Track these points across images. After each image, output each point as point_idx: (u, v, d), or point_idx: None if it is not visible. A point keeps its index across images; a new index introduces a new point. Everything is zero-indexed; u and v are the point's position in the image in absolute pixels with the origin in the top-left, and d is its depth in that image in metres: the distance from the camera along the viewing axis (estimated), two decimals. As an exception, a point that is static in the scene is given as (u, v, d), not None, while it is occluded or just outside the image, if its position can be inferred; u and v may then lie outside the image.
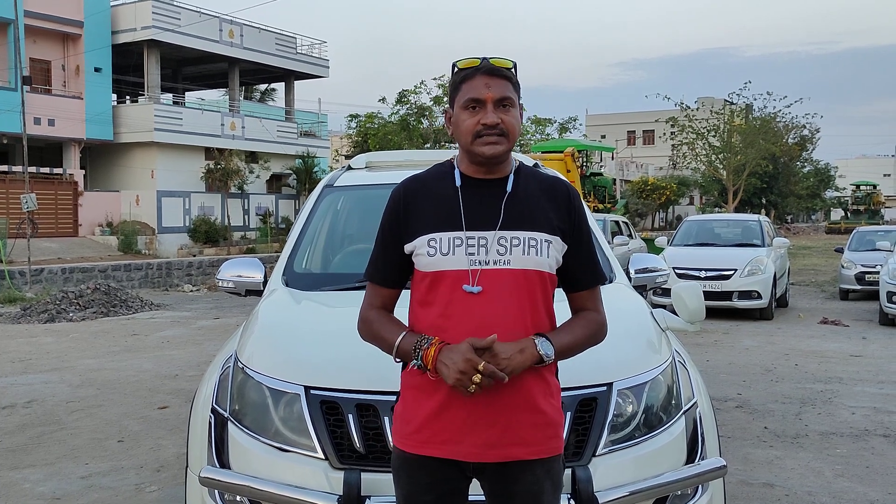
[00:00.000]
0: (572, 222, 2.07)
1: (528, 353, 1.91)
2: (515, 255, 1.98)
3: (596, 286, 2.13)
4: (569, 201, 2.08)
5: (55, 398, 7.19)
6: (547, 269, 2.01)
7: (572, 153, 21.65)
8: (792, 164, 46.98)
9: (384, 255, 2.09)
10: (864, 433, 5.81)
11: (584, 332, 2.06)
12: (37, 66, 27.38)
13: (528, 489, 1.98)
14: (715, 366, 8.37)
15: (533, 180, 2.08)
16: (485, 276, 1.95)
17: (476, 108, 1.99)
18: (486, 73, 1.99)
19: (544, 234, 2.01)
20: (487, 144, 1.98)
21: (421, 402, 1.99)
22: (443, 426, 1.95)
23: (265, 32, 33.09)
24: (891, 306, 11.45)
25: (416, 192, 2.07)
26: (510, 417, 1.94)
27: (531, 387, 1.96)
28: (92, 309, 13.95)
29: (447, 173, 2.08)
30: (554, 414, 2.02)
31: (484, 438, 1.94)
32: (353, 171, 4.50)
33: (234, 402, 2.79)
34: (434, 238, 1.98)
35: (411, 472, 2.01)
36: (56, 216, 26.92)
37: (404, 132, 31.24)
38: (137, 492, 4.63)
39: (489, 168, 2.04)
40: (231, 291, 4.01)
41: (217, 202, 30.87)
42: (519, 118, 2.04)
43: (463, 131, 2.01)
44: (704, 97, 41.13)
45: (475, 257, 1.97)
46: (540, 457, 1.98)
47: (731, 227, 14.73)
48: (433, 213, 2.01)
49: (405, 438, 2.01)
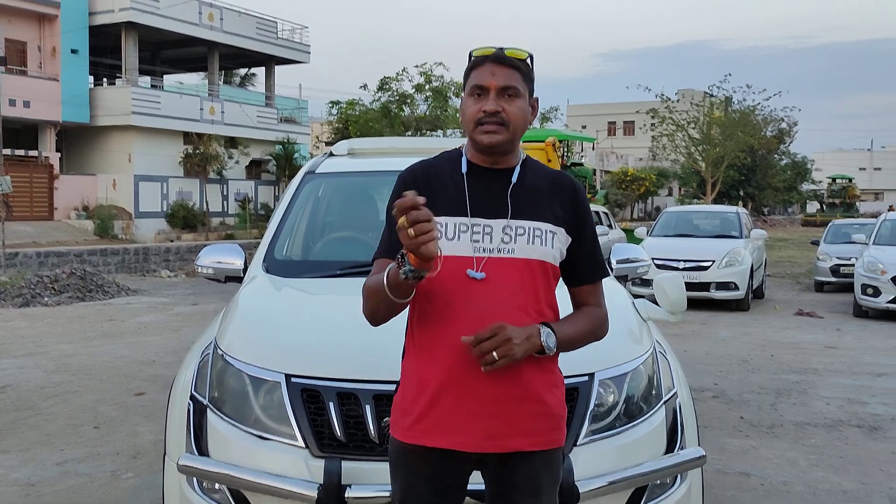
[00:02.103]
0: (577, 216, 2.07)
1: (532, 340, 1.89)
2: (520, 245, 1.97)
3: (598, 280, 2.13)
4: (574, 195, 2.08)
5: (30, 384, 7.11)
6: (551, 259, 2.00)
7: (553, 143, 21.66)
8: (770, 156, 47.34)
9: (392, 236, 1.97)
10: (838, 423, 5.89)
11: (587, 326, 2.06)
12: (12, 46, 26.94)
13: (526, 481, 1.97)
14: (692, 356, 8.43)
15: (539, 173, 2.08)
16: (489, 263, 1.94)
17: (480, 96, 1.99)
18: (494, 62, 1.99)
19: (549, 225, 2.00)
20: (486, 133, 1.97)
21: (421, 392, 1.96)
22: (443, 417, 1.93)
23: (245, 16, 32.75)
24: (865, 298, 11.60)
25: (424, 176, 2.06)
26: (512, 408, 1.93)
27: (534, 377, 1.95)
28: (67, 294, 13.80)
29: (455, 160, 2.08)
30: (556, 406, 2.01)
31: (485, 429, 1.92)
32: (335, 157, 4.47)
33: (214, 390, 2.77)
34: (440, 222, 1.94)
35: (410, 463, 1.98)
36: (31, 199, 26.55)
37: (385, 119, 31.09)
38: (114, 478, 4.60)
39: (493, 158, 2.03)
40: (210, 278, 3.97)
41: (195, 187, 30.59)
42: (524, 109, 2.01)
43: (466, 118, 2.01)
44: (685, 89, 41.32)
45: (480, 244, 1.96)
46: (541, 448, 1.97)
47: (709, 219, 14.85)
48: (440, 197, 2.00)
49: (405, 430, 1.97)
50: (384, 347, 2.31)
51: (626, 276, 4.01)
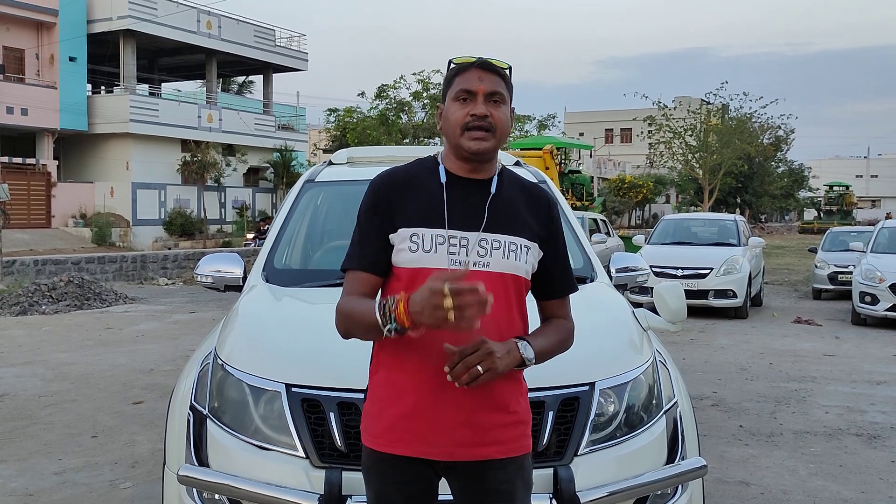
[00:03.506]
0: (550, 231, 2.07)
1: (512, 355, 1.91)
2: (495, 259, 1.97)
3: (568, 295, 2.14)
4: (549, 210, 2.08)
5: (27, 392, 7.09)
6: (524, 274, 2.01)
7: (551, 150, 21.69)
8: (767, 164, 47.40)
9: (364, 243, 2.01)
10: (837, 432, 5.88)
11: (557, 338, 2.07)
12: (10, 54, 26.98)
13: (499, 487, 1.98)
14: (691, 364, 8.43)
15: (516, 185, 2.07)
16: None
17: (467, 100, 1.98)
18: (480, 68, 1.99)
19: (524, 240, 2.00)
20: (474, 139, 1.96)
21: (391, 401, 1.97)
22: (413, 425, 1.94)
23: (243, 24, 32.82)
24: (863, 306, 11.60)
25: (397, 184, 2.03)
26: (481, 417, 1.94)
27: (502, 387, 1.96)
28: (65, 302, 13.77)
29: (431, 169, 2.06)
30: (523, 413, 2.02)
31: (455, 438, 1.94)
32: (334, 166, 4.47)
33: (214, 400, 2.76)
34: (416, 234, 1.96)
35: (382, 470, 2.00)
36: (28, 207, 26.54)
37: (383, 127, 31.08)
38: (112, 488, 4.58)
39: (474, 166, 2.02)
40: (209, 286, 3.96)
41: (193, 195, 30.59)
42: (508, 116, 2.02)
43: (452, 123, 1.99)
44: (682, 96, 41.36)
45: (456, 257, 1.95)
46: (511, 455, 1.98)
47: (707, 227, 14.86)
48: (416, 207, 1.98)
49: (375, 437, 1.99)
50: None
51: (626, 285, 4.01)
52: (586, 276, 3.68)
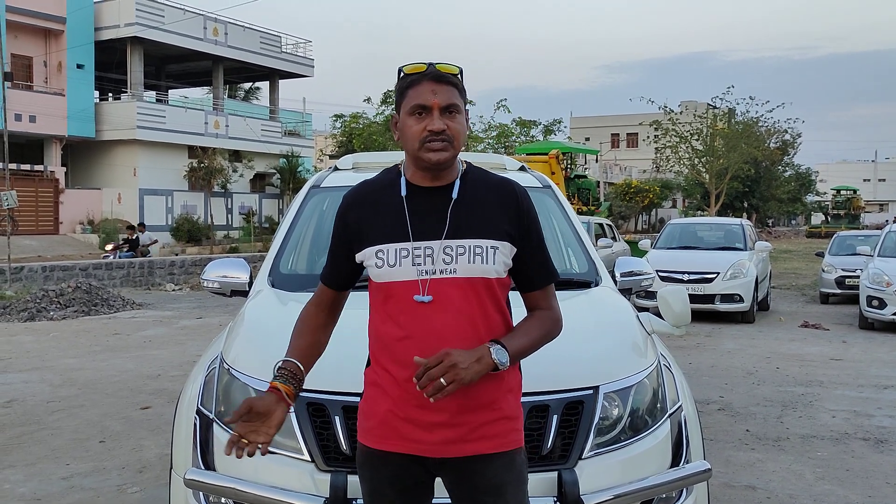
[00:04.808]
0: (521, 225, 2.06)
1: (484, 361, 1.91)
2: (461, 264, 1.99)
3: (548, 285, 2.14)
4: (517, 203, 2.07)
5: (35, 398, 7.12)
6: (494, 275, 2.02)
7: (557, 155, 21.72)
8: (773, 168, 47.31)
9: (333, 261, 2.17)
10: (844, 436, 5.87)
11: (538, 331, 2.07)
12: (18, 61, 27.14)
13: (489, 481, 2.00)
14: (697, 368, 8.42)
15: (481, 184, 2.08)
16: (433, 285, 1.97)
17: (422, 115, 1.99)
18: (432, 80, 1.99)
19: (490, 241, 2.01)
20: (433, 151, 1.98)
21: (381, 399, 2.02)
22: (400, 423, 1.99)
23: (250, 31, 32.96)
24: (870, 310, 11.57)
25: (362, 203, 2.09)
26: (466, 417, 1.97)
27: (485, 386, 1.98)
28: (73, 307, 13.82)
29: (393, 182, 2.09)
30: (510, 409, 2.04)
31: (444, 436, 1.97)
32: (339, 171, 4.49)
33: (220, 404, 2.78)
34: (381, 250, 2.01)
35: (374, 466, 2.05)
36: (37, 213, 26.68)
37: (389, 132, 31.15)
38: (119, 493, 4.60)
39: (434, 174, 2.04)
40: (216, 292, 3.99)
41: (200, 201, 30.70)
42: (465, 124, 2.04)
43: (409, 137, 2.01)
44: (688, 101, 41.41)
45: (422, 267, 1.99)
46: (499, 450, 2.01)
47: (713, 231, 14.83)
48: (380, 224, 2.03)
49: (367, 433, 2.05)
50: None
51: (631, 290, 4.02)
52: (591, 281, 3.69)
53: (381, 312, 2.04)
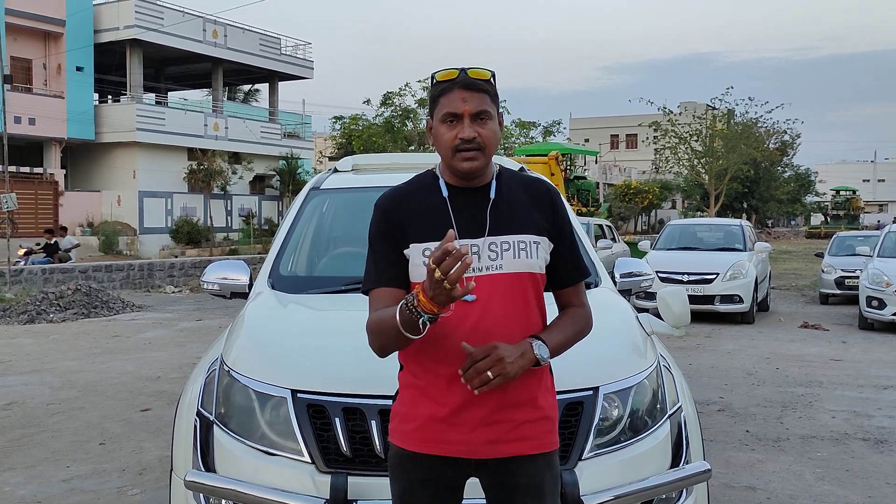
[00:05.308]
0: (555, 222, 2.10)
1: (527, 356, 1.93)
2: (507, 259, 2.00)
3: (580, 282, 2.16)
4: (551, 201, 2.12)
5: (35, 400, 7.12)
6: (538, 270, 2.04)
7: (556, 157, 21.74)
8: (773, 168, 47.34)
9: (380, 263, 2.06)
10: (844, 437, 5.87)
11: (573, 328, 2.09)
12: (18, 64, 27.14)
13: (529, 481, 2.00)
14: (697, 369, 8.42)
15: (515, 184, 2.12)
16: (479, 282, 1.96)
17: (454, 122, 2.00)
18: (462, 87, 2.00)
19: (532, 236, 2.04)
20: (465, 160, 2.00)
21: (420, 401, 2.01)
22: (442, 425, 1.98)
23: (249, 33, 32.97)
24: (870, 311, 11.57)
25: (401, 203, 2.08)
26: (510, 414, 1.97)
27: (529, 383, 1.99)
28: (72, 310, 13.82)
29: (431, 184, 2.10)
30: (549, 409, 2.05)
31: (485, 436, 1.97)
32: (339, 173, 4.49)
33: (220, 406, 2.79)
34: (428, 248, 2.00)
35: (408, 468, 2.03)
36: (36, 216, 26.66)
37: (388, 134, 31.17)
38: (119, 495, 4.60)
39: (469, 179, 2.06)
40: (216, 294, 3.99)
41: (199, 203, 30.70)
42: (497, 130, 2.05)
43: (442, 145, 2.03)
44: (687, 102, 41.44)
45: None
46: (539, 451, 2.01)
47: (713, 232, 14.84)
48: (424, 223, 2.03)
49: (405, 436, 2.02)
50: (389, 363, 2.32)
51: (630, 290, 4.02)
52: (590, 282, 3.69)
53: None
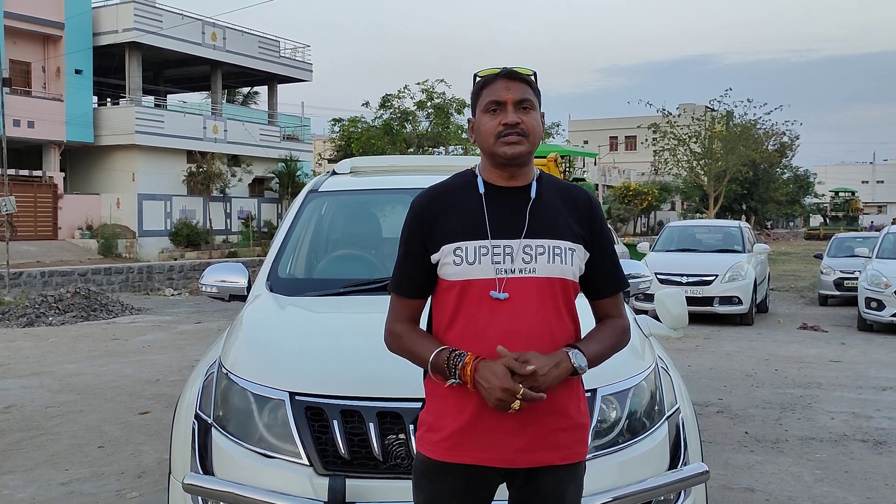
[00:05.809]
0: (594, 231, 2.08)
1: (563, 366, 1.92)
2: (541, 264, 1.98)
3: (619, 293, 2.15)
4: (591, 210, 2.09)
5: (34, 403, 7.12)
6: (571, 276, 2.02)
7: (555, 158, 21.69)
8: (772, 170, 47.39)
9: (408, 266, 2.08)
10: (843, 438, 5.87)
11: (611, 340, 2.07)
12: (16, 67, 27.13)
13: (552, 490, 2.00)
14: (696, 371, 8.42)
15: (554, 189, 2.09)
16: (511, 284, 1.96)
17: (497, 111, 2.01)
18: (506, 78, 2.02)
19: (568, 243, 2.02)
20: (508, 144, 1.99)
21: (450, 411, 1.98)
22: (474, 434, 1.96)
23: (248, 35, 32.96)
24: (869, 312, 11.58)
25: (437, 202, 2.07)
26: (541, 423, 1.96)
27: (561, 391, 1.97)
28: (71, 313, 13.82)
29: (469, 182, 2.08)
30: (581, 418, 2.03)
31: (515, 445, 1.95)
32: (337, 176, 4.50)
33: (218, 408, 2.78)
34: (460, 247, 1.98)
35: (436, 478, 2.01)
36: (35, 219, 26.65)
37: (388, 137, 31.14)
38: (118, 498, 4.60)
39: (512, 172, 2.04)
40: (214, 296, 3.98)
41: (199, 205, 30.68)
42: (539, 121, 2.05)
43: (484, 133, 2.02)
44: (686, 104, 41.46)
45: (501, 266, 1.97)
46: (568, 461, 2.00)
47: (712, 233, 14.85)
48: (457, 222, 2.01)
49: (433, 446, 2.00)
50: (388, 365, 2.33)
51: (629, 292, 4.02)
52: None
53: (450, 313, 2.00)
